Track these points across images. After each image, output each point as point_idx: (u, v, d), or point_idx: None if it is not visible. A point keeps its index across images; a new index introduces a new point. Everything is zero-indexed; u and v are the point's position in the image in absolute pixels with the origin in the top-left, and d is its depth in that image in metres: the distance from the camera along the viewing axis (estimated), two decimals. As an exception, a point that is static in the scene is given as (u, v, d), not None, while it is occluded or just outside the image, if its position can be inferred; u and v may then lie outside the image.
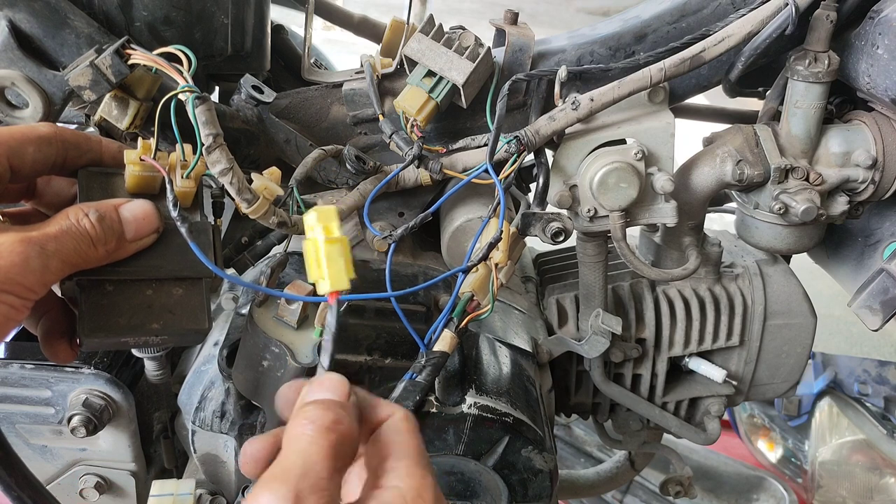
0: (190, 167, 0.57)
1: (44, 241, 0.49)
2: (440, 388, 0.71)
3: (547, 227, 0.72)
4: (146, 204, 0.55)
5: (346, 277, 0.47)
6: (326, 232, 0.47)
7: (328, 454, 0.42)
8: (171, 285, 0.56)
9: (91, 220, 0.51)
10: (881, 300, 0.77)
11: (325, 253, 0.47)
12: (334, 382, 0.47)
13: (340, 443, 0.43)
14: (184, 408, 0.76)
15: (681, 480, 1.09)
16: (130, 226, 0.54)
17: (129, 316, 0.54)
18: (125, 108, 0.67)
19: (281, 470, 0.41)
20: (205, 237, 0.57)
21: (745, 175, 0.76)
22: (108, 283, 0.54)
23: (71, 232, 0.50)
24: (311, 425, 0.43)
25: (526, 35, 0.79)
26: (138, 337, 0.55)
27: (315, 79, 0.87)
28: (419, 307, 0.76)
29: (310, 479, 0.40)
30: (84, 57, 0.65)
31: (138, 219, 0.54)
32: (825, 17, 0.71)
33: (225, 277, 0.54)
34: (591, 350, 0.81)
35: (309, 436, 0.43)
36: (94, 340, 0.54)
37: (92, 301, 0.54)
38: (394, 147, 0.76)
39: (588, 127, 0.74)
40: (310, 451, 0.42)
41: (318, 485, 0.40)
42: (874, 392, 1.89)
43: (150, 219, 0.54)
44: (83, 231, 0.51)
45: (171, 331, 0.55)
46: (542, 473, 0.74)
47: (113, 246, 0.53)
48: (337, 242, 0.47)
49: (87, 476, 0.87)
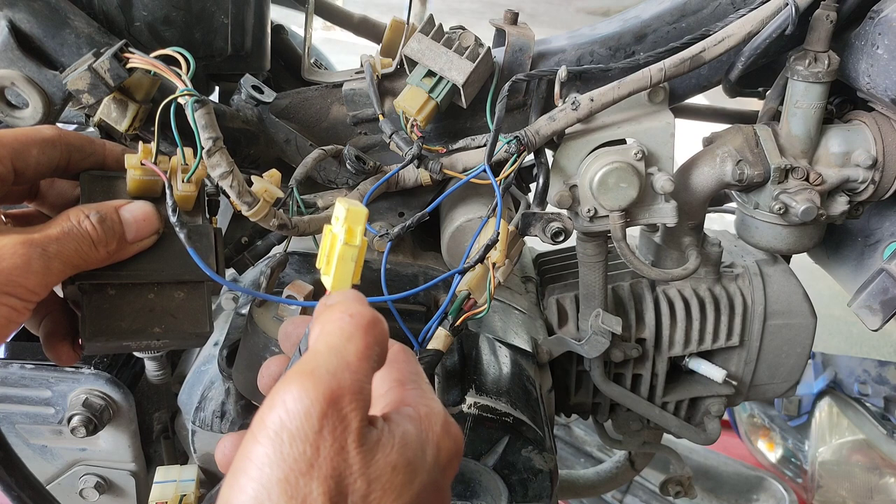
0: (190, 171, 0.57)
1: (45, 242, 0.49)
2: (440, 387, 0.71)
3: (547, 227, 0.72)
4: (146, 205, 0.55)
5: (350, 282, 0.47)
6: (348, 234, 0.47)
7: (366, 354, 0.38)
8: (173, 289, 0.56)
9: (92, 221, 0.51)
10: (881, 300, 0.77)
11: (338, 253, 0.47)
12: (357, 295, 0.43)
13: (379, 344, 0.39)
14: (184, 408, 0.77)
15: (681, 480, 1.09)
16: (131, 227, 0.54)
17: (132, 320, 0.55)
18: (124, 111, 0.67)
19: (312, 366, 0.36)
20: (206, 240, 0.57)
21: (745, 175, 0.76)
22: (110, 286, 0.54)
23: (72, 234, 0.51)
24: (351, 319, 0.39)
25: (526, 35, 0.79)
26: (140, 341, 0.55)
27: (315, 79, 0.87)
28: (419, 307, 0.76)
29: (345, 379, 0.36)
30: (82, 60, 0.65)
31: (138, 220, 0.54)
32: (825, 17, 0.71)
33: (224, 284, 0.54)
34: (591, 350, 0.81)
35: (347, 330, 0.38)
36: (96, 344, 0.54)
37: (94, 305, 0.54)
38: (394, 147, 0.76)
39: (588, 127, 0.74)
40: (347, 348, 0.38)
41: (353, 387, 0.36)
42: (874, 392, 1.89)
43: (150, 220, 0.55)
44: (84, 233, 0.51)
45: (172, 334, 0.56)
46: (542, 473, 0.74)
47: (114, 247, 0.53)
48: (354, 248, 0.47)
49: (87, 476, 0.87)
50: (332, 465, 0.35)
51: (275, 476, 0.35)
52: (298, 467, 0.35)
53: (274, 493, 0.35)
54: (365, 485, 0.36)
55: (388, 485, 0.37)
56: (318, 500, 0.35)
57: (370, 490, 0.36)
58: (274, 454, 0.35)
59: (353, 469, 0.36)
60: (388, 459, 0.37)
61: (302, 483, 0.35)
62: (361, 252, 0.47)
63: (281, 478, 0.35)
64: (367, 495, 0.36)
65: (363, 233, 0.47)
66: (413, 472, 0.39)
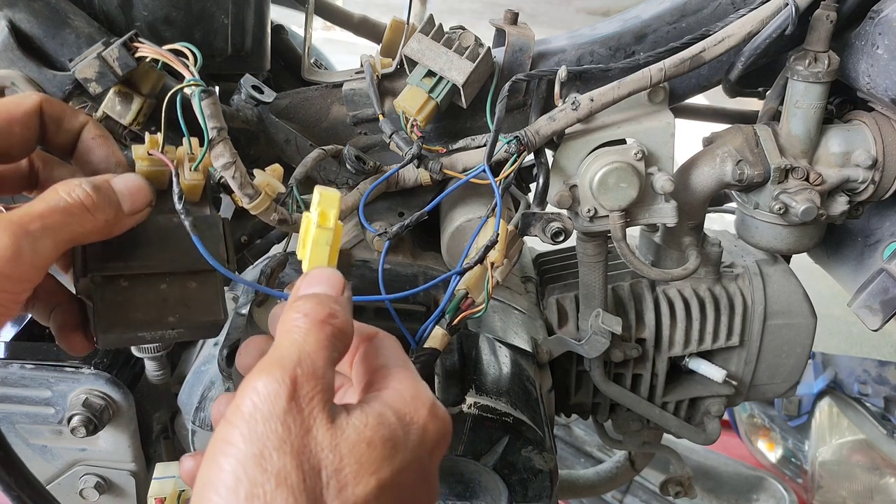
0: (198, 160, 0.57)
1: (26, 222, 0.44)
2: (440, 387, 0.71)
3: (547, 227, 0.72)
4: (137, 176, 0.53)
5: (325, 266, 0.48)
6: (322, 217, 0.47)
7: (323, 345, 0.42)
8: (185, 278, 0.55)
9: (86, 188, 0.48)
10: (881, 300, 0.77)
11: (312, 237, 0.47)
12: (327, 275, 0.46)
13: (335, 335, 0.43)
14: (184, 408, 0.77)
15: (681, 480, 1.09)
16: (126, 198, 0.51)
17: (145, 311, 0.54)
18: (129, 104, 0.67)
19: (277, 357, 0.40)
20: (215, 230, 0.57)
21: (745, 175, 0.76)
22: (122, 278, 0.54)
23: (60, 206, 0.47)
24: (305, 318, 0.43)
25: (526, 35, 0.79)
26: (155, 331, 0.54)
27: (315, 79, 0.87)
28: (419, 307, 0.76)
29: (305, 366, 0.40)
30: (91, 49, 0.65)
31: (132, 191, 0.52)
32: (825, 17, 0.71)
33: (228, 276, 0.54)
34: (591, 350, 0.81)
35: (303, 328, 0.42)
36: (110, 337, 0.53)
37: (107, 298, 0.53)
38: (394, 147, 0.76)
39: (588, 127, 0.74)
40: (305, 341, 0.42)
41: (314, 373, 0.40)
42: (874, 392, 1.89)
43: (143, 191, 0.52)
44: (77, 202, 0.47)
45: (187, 323, 0.55)
46: (542, 473, 0.74)
47: (112, 216, 0.50)
48: (328, 231, 0.47)
49: (87, 476, 0.87)
50: (303, 440, 0.38)
51: (250, 452, 0.37)
52: (272, 443, 0.38)
53: (249, 468, 0.37)
54: (337, 458, 0.39)
55: (364, 459, 0.39)
56: (291, 474, 0.37)
57: (343, 464, 0.39)
58: (249, 433, 0.38)
59: (323, 444, 0.39)
60: (361, 435, 0.40)
61: (276, 457, 0.37)
62: (336, 236, 0.48)
63: (256, 453, 0.37)
64: (340, 469, 0.38)
65: (337, 217, 0.48)
66: (393, 448, 0.41)
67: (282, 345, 0.42)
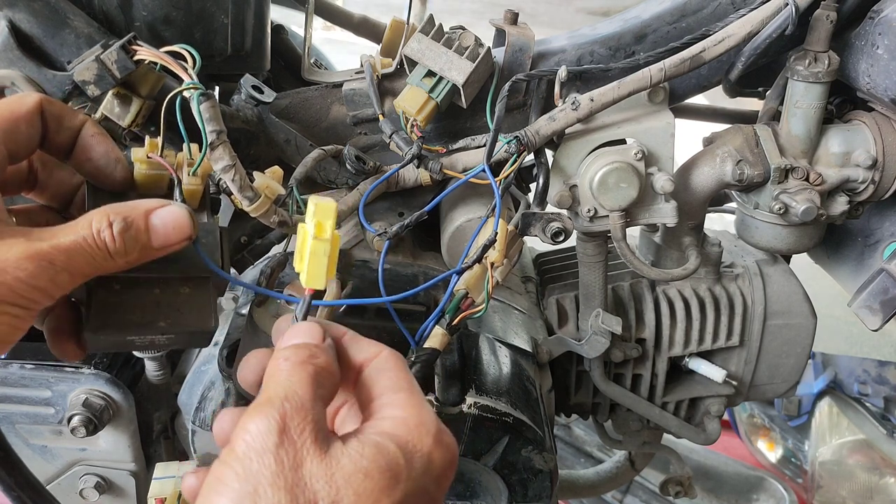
0: (196, 164, 0.57)
1: (53, 255, 0.46)
2: (440, 387, 0.71)
3: (547, 227, 0.72)
4: (181, 211, 0.51)
5: (324, 278, 0.48)
6: (318, 228, 0.47)
7: (308, 382, 0.43)
8: (179, 284, 0.55)
9: (114, 231, 0.47)
10: (881, 300, 0.77)
11: (310, 248, 0.47)
12: (306, 328, 0.48)
13: (318, 374, 0.44)
14: (184, 408, 0.76)
15: (681, 480, 1.09)
16: (159, 234, 0.50)
17: (137, 314, 0.54)
18: (127, 106, 0.67)
19: (265, 398, 0.42)
20: (212, 238, 0.56)
21: (745, 175, 0.76)
22: (116, 281, 0.53)
23: (85, 246, 0.47)
24: (286, 361, 0.44)
25: (526, 35, 0.79)
26: (145, 335, 0.54)
27: (315, 79, 0.87)
28: (419, 307, 0.76)
29: (293, 401, 0.41)
30: (90, 52, 0.65)
31: (167, 227, 0.50)
32: (825, 17, 0.71)
33: (230, 280, 0.54)
34: (591, 350, 0.81)
35: (286, 369, 0.44)
36: (100, 338, 0.53)
37: (100, 299, 0.53)
38: (394, 147, 0.76)
39: (588, 127, 0.74)
40: (290, 380, 0.43)
41: (302, 406, 0.41)
42: (874, 392, 1.89)
43: (181, 228, 0.50)
44: (101, 244, 0.47)
45: (177, 329, 0.55)
46: (542, 473, 0.74)
47: (135, 257, 0.49)
48: (325, 242, 0.47)
49: (87, 476, 0.87)
50: (296, 473, 0.39)
51: (244, 490, 0.38)
52: (266, 479, 0.38)
53: None
54: (333, 490, 0.39)
55: (362, 490, 0.39)
56: None
57: (340, 496, 0.39)
58: (244, 471, 0.38)
59: (318, 475, 0.39)
60: (357, 465, 0.40)
61: (270, 493, 0.38)
62: (334, 246, 0.48)
63: (250, 491, 0.38)
64: (337, 501, 0.39)
65: (334, 227, 0.47)
66: (393, 479, 0.40)
67: (268, 387, 0.43)
